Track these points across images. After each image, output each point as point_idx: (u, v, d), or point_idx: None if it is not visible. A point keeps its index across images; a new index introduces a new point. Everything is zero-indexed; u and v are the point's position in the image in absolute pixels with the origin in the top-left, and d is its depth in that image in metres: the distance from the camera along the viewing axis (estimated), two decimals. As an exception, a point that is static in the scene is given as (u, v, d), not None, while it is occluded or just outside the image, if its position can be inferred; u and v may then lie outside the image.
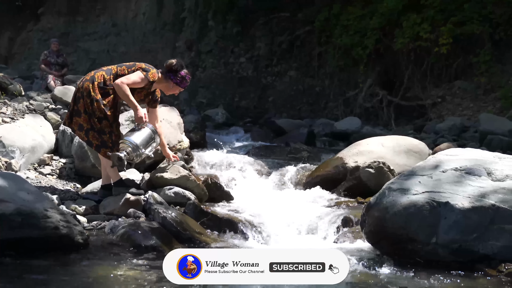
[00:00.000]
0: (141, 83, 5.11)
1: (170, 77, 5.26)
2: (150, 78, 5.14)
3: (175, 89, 5.36)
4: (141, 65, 5.20)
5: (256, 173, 6.93)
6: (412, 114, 13.14)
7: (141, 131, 5.10)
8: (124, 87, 4.98)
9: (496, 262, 4.06)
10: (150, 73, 5.14)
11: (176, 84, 5.29)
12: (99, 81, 5.08)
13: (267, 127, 11.70)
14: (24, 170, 5.91)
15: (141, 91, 5.21)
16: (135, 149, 5.01)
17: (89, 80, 5.11)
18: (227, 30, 17.01)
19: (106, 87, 5.08)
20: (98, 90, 5.05)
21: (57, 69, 11.30)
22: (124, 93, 4.99)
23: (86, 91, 5.07)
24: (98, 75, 5.13)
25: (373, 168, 6.09)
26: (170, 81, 5.27)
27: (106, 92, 5.08)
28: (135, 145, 5.01)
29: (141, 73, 5.11)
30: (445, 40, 12.19)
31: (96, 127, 5.07)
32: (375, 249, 4.50)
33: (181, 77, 5.27)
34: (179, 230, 4.58)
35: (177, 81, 5.27)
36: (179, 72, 5.26)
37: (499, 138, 8.33)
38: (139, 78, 5.08)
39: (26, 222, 3.83)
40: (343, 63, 14.23)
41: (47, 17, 21.11)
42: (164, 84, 5.31)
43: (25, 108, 7.05)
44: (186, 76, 5.31)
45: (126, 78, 5.05)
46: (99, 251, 4.15)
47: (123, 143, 5.03)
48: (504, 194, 4.20)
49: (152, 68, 5.20)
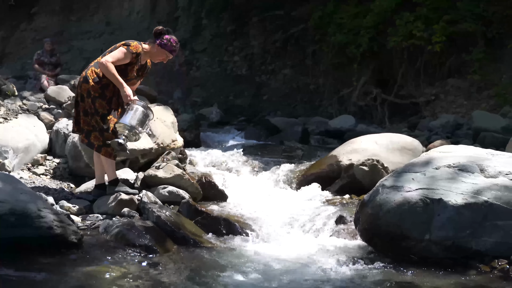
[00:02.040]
0: (126, 58, 5.06)
1: (155, 41, 5.21)
2: (133, 50, 5.09)
3: (161, 54, 5.25)
4: (122, 42, 5.17)
5: (250, 172, 6.95)
6: (406, 112, 13.16)
7: (134, 111, 5.02)
8: (110, 66, 4.95)
9: (489, 258, 4.08)
10: (131, 46, 5.10)
11: (160, 46, 5.19)
12: (93, 77, 5.08)
13: (262, 126, 11.69)
14: (18, 171, 5.89)
15: (132, 67, 5.16)
16: (131, 130, 4.98)
17: (83, 81, 5.11)
18: (221, 28, 16.99)
19: (102, 79, 5.06)
20: (95, 87, 5.04)
21: (50, 68, 11.28)
22: (110, 72, 4.96)
23: (85, 91, 5.06)
24: (89, 73, 5.12)
25: (367, 166, 6.11)
26: (155, 45, 5.21)
27: (104, 84, 5.06)
28: (131, 126, 4.96)
29: (123, 48, 5.07)
30: (438, 38, 12.20)
31: (98, 127, 5.04)
32: (369, 246, 4.52)
33: (166, 39, 5.19)
34: (173, 229, 4.57)
35: (161, 42, 5.18)
36: (163, 35, 5.20)
37: (492, 135, 8.34)
38: (122, 53, 5.04)
39: (19, 222, 3.82)
40: (337, 61, 14.24)
41: (41, 16, 21.03)
42: (151, 51, 5.25)
43: (18, 108, 7.03)
44: (171, 39, 5.21)
45: (110, 56, 5.02)
46: (93, 251, 4.15)
47: (119, 127, 4.99)
48: (497, 190, 4.22)
49: (132, 41, 5.16)
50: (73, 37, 20.38)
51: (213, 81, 16.74)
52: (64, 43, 19.90)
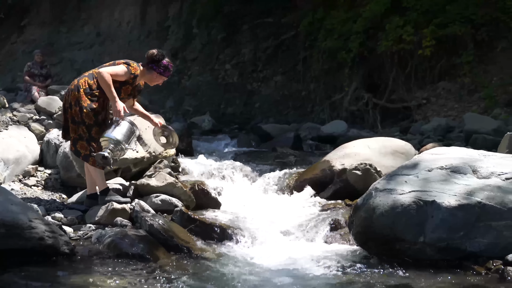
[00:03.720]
0: (124, 76, 5.12)
1: (153, 67, 5.27)
2: (132, 71, 5.16)
3: (159, 79, 5.36)
4: (121, 61, 5.21)
5: (243, 179, 6.92)
6: (397, 116, 13.20)
7: (121, 126, 5.05)
8: (107, 77, 4.98)
9: (483, 259, 4.07)
10: (131, 67, 5.16)
11: (159, 74, 5.29)
12: (84, 87, 5.08)
13: (254, 133, 11.69)
14: (9, 182, 5.85)
15: (127, 87, 5.21)
16: (117, 145, 4.99)
17: (74, 89, 5.10)
18: (212, 37, 17.02)
19: (93, 91, 5.08)
20: (85, 97, 5.05)
21: (41, 80, 11.26)
22: (106, 83, 4.98)
23: (74, 99, 5.06)
24: (81, 82, 5.12)
25: (360, 170, 6.10)
26: (154, 72, 5.29)
27: (94, 96, 5.07)
28: (117, 140, 4.99)
29: (124, 66, 5.13)
30: (428, 42, 12.27)
31: (85, 136, 5.04)
32: (363, 250, 4.50)
33: (163, 66, 5.27)
34: (167, 238, 4.54)
35: (160, 70, 5.28)
36: (161, 61, 5.27)
37: (484, 137, 8.39)
38: (122, 71, 5.11)
39: (10, 233, 3.78)
40: (328, 67, 14.28)
41: (31, 28, 21.03)
42: (147, 76, 5.32)
43: (8, 119, 6.99)
44: (169, 65, 5.32)
45: (110, 69, 5.07)
46: (85, 261, 4.11)
47: (104, 141, 5.00)
48: (490, 191, 4.22)
49: (132, 63, 5.22)
50: (63, 49, 20.39)
51: (205, 90, 16.75)
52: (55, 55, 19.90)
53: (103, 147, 4.99)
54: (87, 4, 20.24)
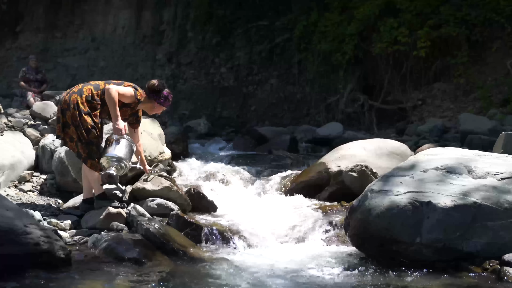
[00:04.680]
0: (129, 99, 5.20)
1: (153, 97, 5.35)
2: (138, 96, 5.25)
3: (159, 109, 5.47)
4: (130, 84, 5.31)
5: (239, 182, 6.91)
6: (393, 118, 13.23)
7: (122, 144, 5.10)
8: (115, 94, 5.05)
9: (480, 260, 4.07)
10: (138, 92, 5.26)
11: (160, 104, 5.39)
12: (87, 94, 5.12)
13: (250, 136, 11.68)
14: (4, 188, 5.83)
15: (127, 110, 5.28)
16: (120, 162, 5.03)
17: (77, 93, 5.12)
18: (207, 40, 17.02)
19: (94, 101, 5.13)
20: (85, 103, 5.09)
21: (36, 85, 11.22)
22: (113, 100, 5.04)
23: (74, 103, 5.08)
24: (86, 88, 5.17)
25: (356, 172, 6.09)
26: (154, 102, 5.37)
27: (93, 106, 5.12)
28: (119, 158, 5.02)
29: (132, 89, 5.23)
30: (423, 43, 12.31)
31: (83, 139, 5.07)
32: (360, 252, 4.50)
33: (164, 97, 5.38)
34: (163, 242, 4.53)
35: (160, 101, 5.37)
36: (161, 92, 5.36)
37: (479, 137, 8.40)
38: (130, 93, 5.20)
39: (5, 239, 3.76)
40: (323, 69, 14.31)
41: (26, 35, 20.96)
42: (147, 104, 5.40)
43: (3, 125, 6.97)
44: (169, 96, 5.42)
45: (119, 88, 5.13)
46: (81, 266, 4.09)
47: (106, 160, 5.01)
48: (486, 191, 4.22)
49: (139, 88, 5.32)
50: (58, 54, 20.34)
51: (200, 93, 16.75)
52: (50, 60, 19.85)
53: (107, 167, 5.01)
54: (82, 10, 20.20)
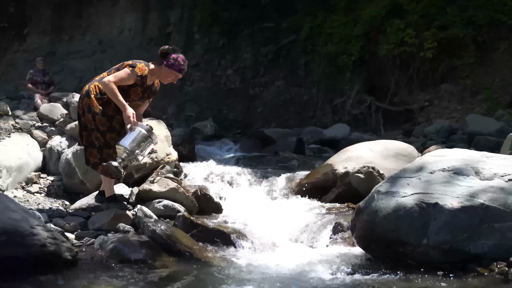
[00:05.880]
0: (129, 79, 4.94)
1: (162, 62, 5.04)
2: (138, 72, 4.97)
3: (170, 75, 5.06)
4: (128, 62, 5.06)
5: (246, 184, 6.91)
6: (400, 119, 13.20)
7: (133, 133, 4.85)
8: (111, 86, 4.82)
9: (487, 261, 4.03)
10: (137, 68, 4.97)
11: (167, 67, 5.00)
12: (95, 93, 4.97)
13: (256, 138, 11.69)
14: (12, 189, 5.85)
15: (136, 89, 5.04)
16: (130, 153, 4.83)
17: (85, 95, 5.00)
18: (213, 42, 17.05)
19: (104, 96, 4.94)
20: (96, 102, 4.94)
21: (43, 87, 11.29)
22: (112, 91, 4.83)
23: (86, 106, 4.98)
24: (92, 87, 5.01)
25: (362, 173, 6.08)
26: (163, 66, 5.03)
27: (105, 101, 4.95)
28: (128, 149, 4.82)
29: (128, 69, 4.95)
30: (429, 45, 12.28)
31: (97, 143, 4.95)
32: (367, 253, 4.48)
33: (173, 59, 5.00)
34: (169, 243, 4.53)
35: (169, 63, 5.00)
36: (170, 54, 5.03)
37: (487, 138, 8.37)
38: (126, 74, 4.92)
39: (12, 241, 3.77)
40: (329, 71, 14.29)
41: (33, 37, 21.07)
42: (158, 72, 5.07)
43: (11, 127, 7.00)
44: (179, 58, 5.02)
45: (113, 76, 4.90)
46: (88, 267, 4.10)
47: (119, 149, 4.87)
48: (493, 192, 4.19)
49: (139, 63, 5.04)
50: (65, 57, 20.43)
51: (207, 95, 16.77)
52: (56, 63, 19.94)
53: (117, 156, 4.87)
54: (88, 12, 20.29)
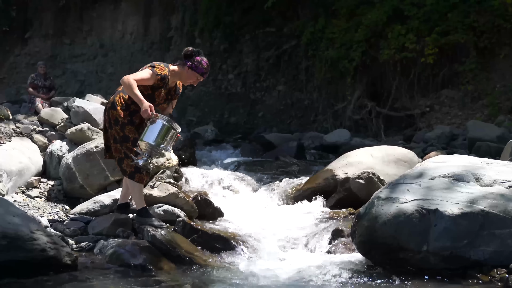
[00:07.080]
0: (150, 79, 4.89)
1: (186, 63, 4.99)
2: (158, 71, 4.91)
3: (192, 76, 5.02)
4: (148, 64, 5.03)
5: (246, 189, 6.90)
6: (401, 125, 13.20)
7: (153, 127, 4.75)
8: (132, 82, 4.75)
9: (488, 268, 4.03)
10: (156, 68, 4.94)
11: (190, 68, 4.96)
12: (120, 104, 4.93)
13: (257, 142, 11.69)
14: (12, 194, 5.85)
15: (160, 91, 4.99)
16: (153, 148, 4.74)
17: (111, 108, 4.95)
18: (214, 47, 17.07)
19: (130, 106, 4.90)
20: (123, 114, 4.90)
21: (44, 92, 11.31)
22: (129, 86, 4.74)
23: (113, 118, 4.92)
24: (117, 99, 4.96)
25: (363, 179, 6.07)
26: (185, 67, 4.99)
27: (132, 111, 4.90)
28: (150, 143, 4.72)
29: (149, 69, 4.93)
30: (430, 50, 12.29)
31: (131, 152, 4.85)
32: (367, 259, 4.47)
33: (196, 61, 4.97)
34: (169, 248, 4.53)
35: (192, 65, 4.96)
36: (194, 56, 4.99)
37: (487, 144, 8.36)
38: (148, 73, 4.88)
39: (12, 245, 3.78)
40: (330, 76, 14.30)
41: (34, 41, 21.12)
42: (179, 72, 5.04)
43: (11, 131, 6.99)
44: (203, 61, 4.99)
45: (134, 74, 4.87)
46: (88, 272, 4.10)
47: (141, 145, 4.78)
48: (493, 199, 4.19)
49: (158, 64, 5.01)
50: (66, 60, 20.48)
51: (208, 100, 16.78)
52: (58, 67, 19.98)
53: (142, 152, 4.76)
54: (90, 16, 20.34)
